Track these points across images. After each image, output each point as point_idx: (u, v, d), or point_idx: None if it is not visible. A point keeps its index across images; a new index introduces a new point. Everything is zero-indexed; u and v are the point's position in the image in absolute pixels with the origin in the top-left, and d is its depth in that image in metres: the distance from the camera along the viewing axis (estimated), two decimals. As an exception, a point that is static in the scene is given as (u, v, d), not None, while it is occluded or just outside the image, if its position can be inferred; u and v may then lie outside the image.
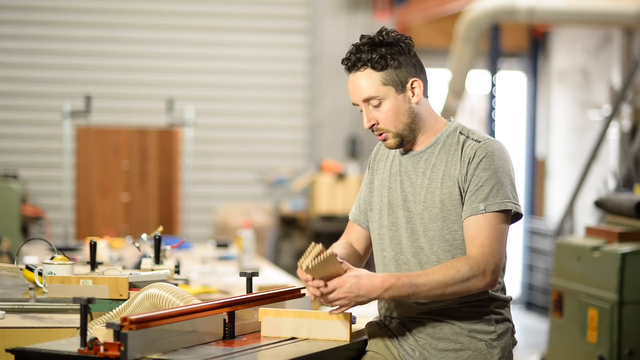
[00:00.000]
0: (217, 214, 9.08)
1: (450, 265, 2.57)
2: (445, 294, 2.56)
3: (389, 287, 2.53)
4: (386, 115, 2.66)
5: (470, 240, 2.60)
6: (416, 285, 2.54)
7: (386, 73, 2.64)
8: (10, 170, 7.53)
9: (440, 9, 8.62)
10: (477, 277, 2.56)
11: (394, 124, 2.66)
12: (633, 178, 6.83)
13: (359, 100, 2.67)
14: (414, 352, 2.68)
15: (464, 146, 2.66)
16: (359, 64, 2.64)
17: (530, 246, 9.24)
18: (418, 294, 2.55)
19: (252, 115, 9.76)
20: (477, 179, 2.62)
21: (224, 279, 4.61)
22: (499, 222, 2.60)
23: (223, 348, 2.48)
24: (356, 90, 2.66)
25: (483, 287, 2.59)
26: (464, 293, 2.58)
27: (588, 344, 4.62)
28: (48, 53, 9.45)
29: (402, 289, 2.53)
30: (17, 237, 6.49)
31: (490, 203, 2.60)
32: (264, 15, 9.78)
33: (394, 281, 2.53)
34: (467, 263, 2.56)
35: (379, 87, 2.64)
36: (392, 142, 2.69)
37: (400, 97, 2.66)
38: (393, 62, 2.64)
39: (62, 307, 2.96)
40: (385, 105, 2.65)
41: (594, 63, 8.67)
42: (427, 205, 2.67)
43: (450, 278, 2.54)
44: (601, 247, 4.65)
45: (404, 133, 2.68)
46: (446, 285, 2.54)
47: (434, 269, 2.57)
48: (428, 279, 2.55)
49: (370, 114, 2.67)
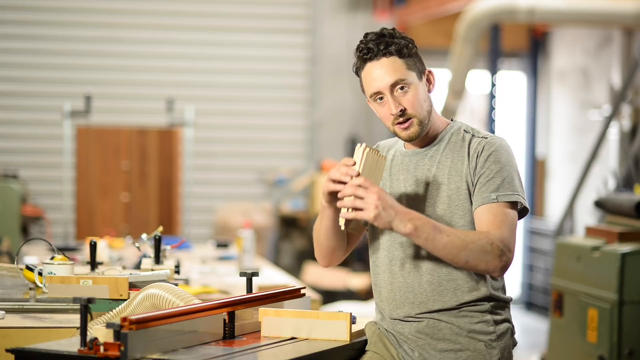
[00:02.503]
0: (217, 214, 9.08)
1: (474, 232, 2.57)
2: (459, 257, 2.53)
3: (417, 217, 2.52)
4: (413, 100, 2.65)
5: (483, 223, 2.59)
6: (439, 230, 2.52)
7: (410, 60, 2.66)
8: (10, 170, 7.53)
9: (440, 9, 8.62)
10: (493, 255, 2.54)
11: (419, 109, 2.66)
12: (633, 178, 6.83)
13: (386, 85, 2.64)
14: (414, 352, 2.68)
15: (471, 143, 2.68)
16: (384, 51, 2.64)
17: (530, 246, 9.24)
18: (436, 241, 2.52)
19: (252, 115, 9.76)
20: (487, 171, 2.63)
21: (224, 279, 4.61)
22: (511, 212, 2.62)
23: (223, 348, 2.48)
24: (382, 75, 2.64)
25: (493, 270, 2.57)
26: (475, 266, 2.55)
27: (588, 344, 4.62)
28: (48, 53, 9.45)
29: (425, 226, 2.51)
30: (17, 237, 6.49)
31: (502, 194, 2.62)
32: (264, 15, 9.77)
33: (421, 215, 2.53)
34: (489, 239, 2.55)
35: (406, 71, 2.65)
36: (415, 130, 2.67)
37: (422, 85, 2.69)
38: (413, 50, 2.67)
39: (62, 307, 2.97)
40: (412, 91, 2.66)
41: (594, 63, 8.67)
42: (432, 201, 2.67)
43: (472, 241, 2.53)
44: (601, 247, 4.65)
45: (425, 121, 2.68)
46: (465, 246, 2.52)
47: (459, 230, 2.58)
48: (451, 231, 2.55)
49: (400, 99, 2.66)
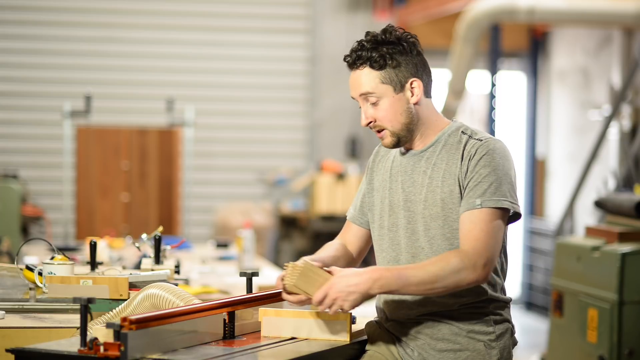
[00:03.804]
0: (217, 214, 9.08)
1: (441, 257, 2.56)
2: (435, 288, 2.53)
3: (377, 278, 2.50)
4: (383, 113, 2.67)
5: (464, 234, 2.59)
6: (405, 276, 2.51)
7: (385, 72, 2.65)
8: (10, 170, 7.53)
9: (440, 9, 8.62)
10: (467, 270, 2.53)
11: (390, 122, 2.67)
12: (633, 178, 6.83)
13: (357, 95, 2.70)
14: (413, 352, 2.68)
15: (466, 145, 2.66)
16: (358, 62, 2.67)
17: (530, 246, 9.24)
18: (408, 286, 2.52)
19: (252, 115, 9.76)
20: (476, 175, 2.61)
21: (224, 279, 4.61)
22: (494, 218, 2.59)
23: (223, 348, 2.48)
24: (355, 86, 2.70)
25: (473, 281, 2.56)
26: (454, 287, 2.55)
27: (588, 344, 4.62)
28: (48, 53, 9.45)
29: (391, 280, 2.50)
30: (17, 237, 6.49)
31: (487, 199, 2.59)
32: (264, 15, 9.77)
33: (382, 272, 2.52)
34: (457, 255, 2.54)
35: (377, 85, 2.65)
36: (389, 140, 2.70)
37: (399, 97, 2.67)
38: (392, 62, 2.65)
39: (62, 307, 2.96)
40: (383, 104, 2.66)
41: (594, 63, 8.67)
42: (428, 204, 2.66)
43: (441, 269, 2.52)
44: (601, 247, 4.65)
45: (401, 133, 2.68)
46: (436, 277, 2.51)
47: (425, 262, 2.56)
48: (417, 270, 2.53)
49: (368, 111, 2.69)
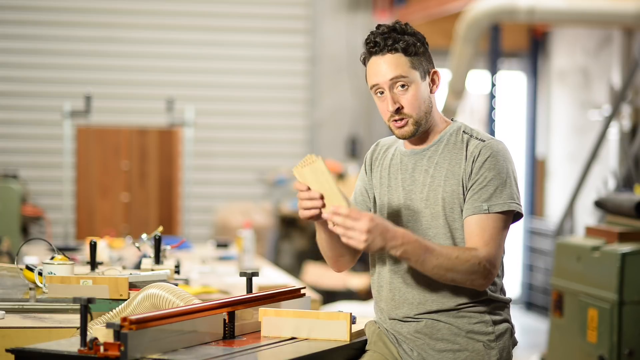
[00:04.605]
0: (217, 214, 9.08)
1: (464, 251, 2.56)
2: (446, 277, 2.55)
3: (408, 241, 2.50)
4: (411, 99, 2.65)
5: (472, 237, 2.59)
6: (430, 252, 2.52)
7: (415, 58, 2.65)
8: (10, 170, 7.53)
9: (440, 9, 8.62)
10: (479, 274, 2.56)
11: (416, 110, 2.66)
12: (633, 178, 6.82)
13: (386, 80, 2.64)
14: (412, 352, 2.68)
15: (469, 145, 2.67)
16: (390, 46, 2.63)
17: (530, 246, 9.24)
18: (426, 264, 2.53)
19: (252, 115, 9.76)
20: (481, 178, 2.62)
21: (224, 279, 4.60)
22: (502, 223, 2.61)
23: (223, 348, 2.48)
24: (383, 71, 2.64)
25: (478, 287, 2.60)
26: (460, 284, 2.58)
27: (588, 344, 4.62)
28: (48, 53, 9.44)
29: (417, 249, 2.51)
30: (17, 237, 6.49)
31: (494, 204, 2.60)
32: (264, 15, 9.77)
33: (414, 238, 2.52)
34: (477, 258, 2.55)
35: (409, 69, 2.65)
36: (410, 129, 2.67)
37: (424, 85, 2.68)
38: (420, 49, 2.66)
39: (62, 307, 2.96)
40: (412, 90, 2.65)
41: (594, 63, 8.67)
42: (429, 202, 2.67)
43: (460, 262, 2.53)
44: (601, 247, 4.65)
45: (422, 121, 2.68)
46: (453, 267, 2.53)
47: (450, 250, 2.57)
48: (442, 252, 2.54)
49: (395, 97, 2.66)
